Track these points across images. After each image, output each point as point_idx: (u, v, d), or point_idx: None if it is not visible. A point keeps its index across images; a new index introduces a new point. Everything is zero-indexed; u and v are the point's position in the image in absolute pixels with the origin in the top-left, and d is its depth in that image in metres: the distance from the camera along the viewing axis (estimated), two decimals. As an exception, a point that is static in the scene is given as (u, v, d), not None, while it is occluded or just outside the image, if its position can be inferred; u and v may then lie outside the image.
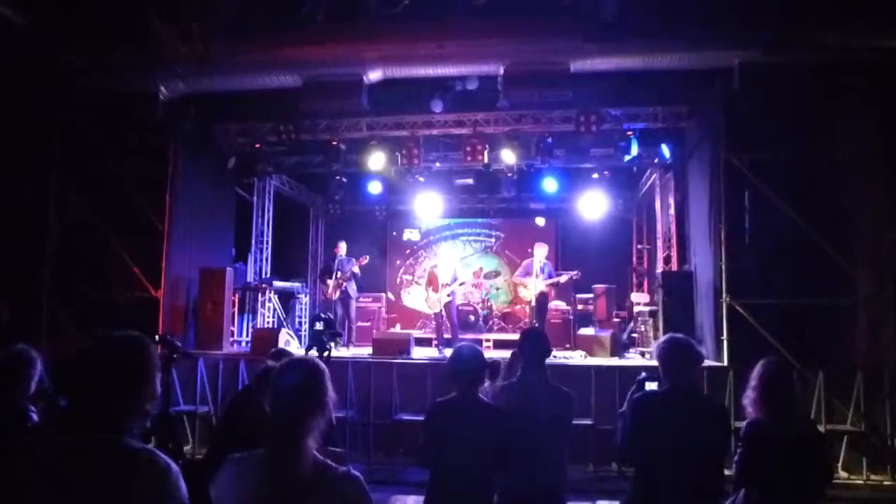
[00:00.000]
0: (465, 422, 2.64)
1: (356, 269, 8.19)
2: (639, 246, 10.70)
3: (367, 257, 8.37)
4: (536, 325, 7.51)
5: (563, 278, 7.79)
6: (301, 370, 1.78)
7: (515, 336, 8.67)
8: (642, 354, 7.38)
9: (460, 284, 8.22)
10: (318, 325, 7.00)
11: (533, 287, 7.77)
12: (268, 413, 1.71)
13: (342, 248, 8.48)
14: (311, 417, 1.69)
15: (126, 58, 6.45)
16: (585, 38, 6.09)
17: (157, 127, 7.02)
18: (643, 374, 3.10)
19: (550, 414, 2.93)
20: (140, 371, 1.60)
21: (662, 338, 2.89)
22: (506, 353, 4.09)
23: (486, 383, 2.89)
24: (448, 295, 7.91)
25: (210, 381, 6.63)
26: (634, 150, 7.67)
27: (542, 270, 7.82)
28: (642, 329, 8.08)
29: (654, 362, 2.88)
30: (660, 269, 8.66)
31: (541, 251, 7.92)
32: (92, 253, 6.90)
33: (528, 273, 7.93)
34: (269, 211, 9.92)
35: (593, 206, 9.98)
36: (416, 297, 11.59)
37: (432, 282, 8.10)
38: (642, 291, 10.07)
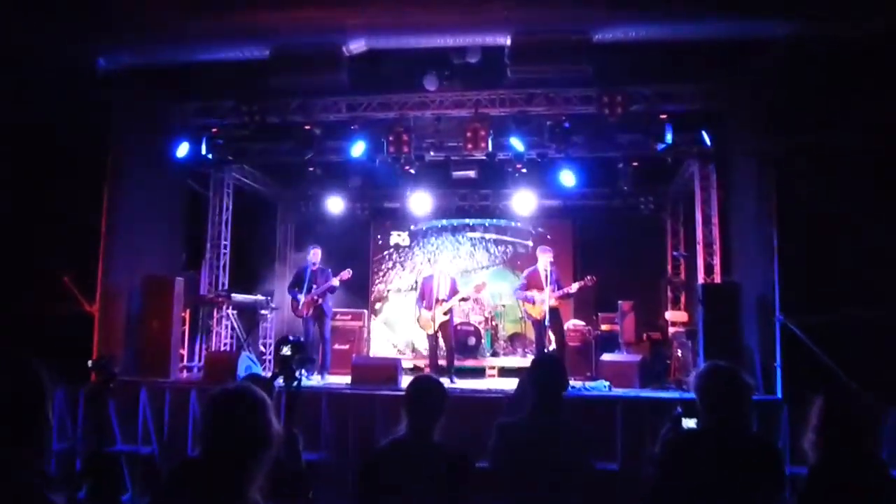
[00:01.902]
0: (416, 470, 2.59)
1: (336, 283, 8.16)
2: (675, 253, 10.70)
3: (350, 272, 8.30)
4: (554, 349, 7.47)
5: (575, 287, 7.76)
6: (235, 401, 1.76)
7: (525, 362, 8.69)
8: (679, 385, 7.36)
9: (462, 300, 8.19)
10: (286, 349, 6.93)
11: (543, 302, 7.70)
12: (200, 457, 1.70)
13: (317, 254, 8.44)
14: (253, 460, 1.66)
15: (57, 24, 6.43)
16: (610, 2, 6.10)
17: (95, 106, 6.99)
18: (679, 409, 3.08)
19: (567, 458, 2.91)
20: (20, 402, 1.60)
21: (703, 365, 2.90)
22: (514, 384, 4.07)
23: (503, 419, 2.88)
24: (445, 313, 7.86)
25: (154, 416, 6.58)
26: (669, 136, 7.67)
27: (550, 279, 7.76)
28: (679, 354, 8.06)
29: (693, 395, 2.86)
30: (700, 280, 8.66)
31: (545, 257, 7.88)
32: (13, 257, 6.85)
33: (530, 286, 7.87)
34: (228, 208, 9.90)
35: (619, 204, 9.96)
36: (386, 327, 11.57)
37: (425, 296, 8.05)
38: (679, 308, 10.07)
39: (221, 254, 9.80)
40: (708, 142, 8.04)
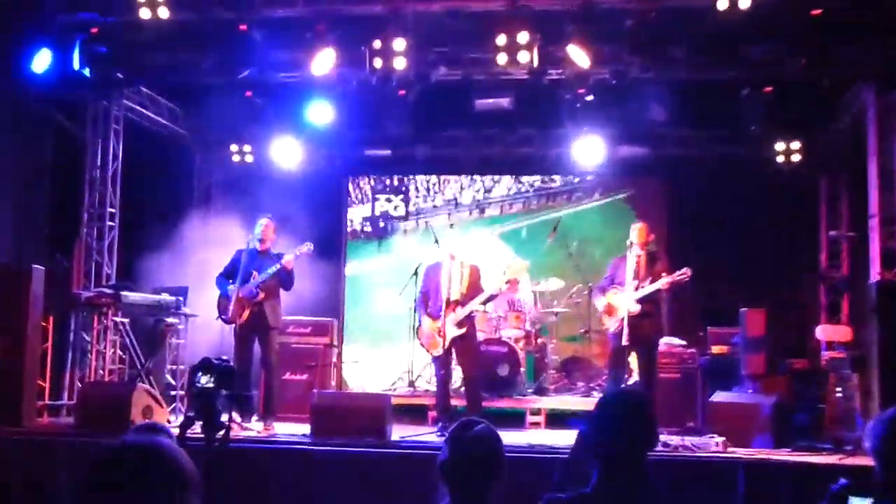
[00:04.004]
0: None
1: (289, 263, 8.11)
2: (833, 232, 10.59)
3: (311, 246, 8.28)
4: (636, 382, 7.45)
5: (664, 282, 7.66)
6: (132, 470, 1.73)
7: (588, 404, 8.58)
8: (838, 443, 7.28)
9: (486, 302, 8.17)
10: (207, 379, 6.94)
11: (622, 304, 7.60)
12: None
13: (268, 228, 8.41)
14: None
15: None
16: None
17: None
18: (843, 481, 3.03)
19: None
20: None
21: (881, 413, 2.86)
22: (569, 438, 4.04)
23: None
24: (461, 324, 7.85)
25: (-2, 485, 6.59)
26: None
27: (641, 270, 7.64)
28: (839, 393, 7.99)
29: (866, 460, 2.82)
30: (874, 276, 8.55)
31: (637, 232, 7.77)
32: None
33: (615, 280, 7.86)
34: (116, 157, 9.84)
35: (743, 154, 9.85)
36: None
37: (429, 296, 8.04)
38: (838, 321, 9.94)
39: (106, 229, 9.73)
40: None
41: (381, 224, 12.31)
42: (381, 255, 12.31)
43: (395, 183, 12.27)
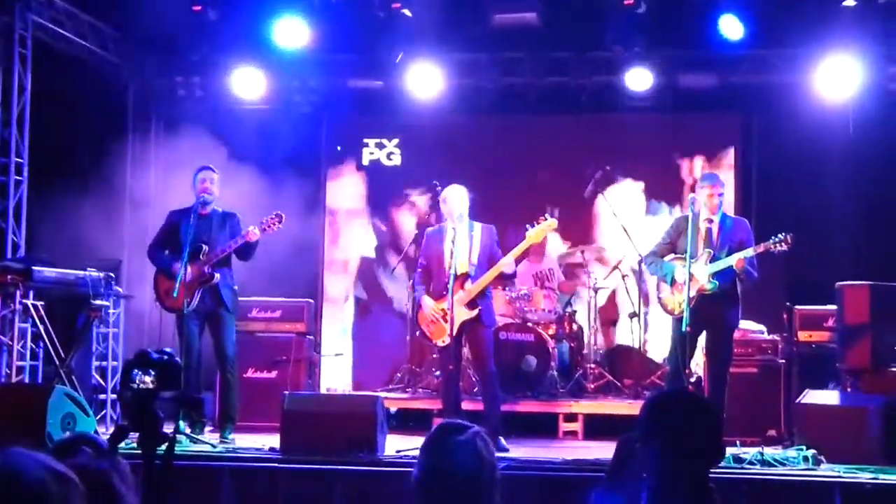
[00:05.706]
0: None
1: (254, 236, 8.10)
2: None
3: (282, 217, 8.23)
4: (698, 380, 7.42)
5: (751, 252, 7.63)
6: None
7: (635, 409, 8.61)
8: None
9: (507, 277, 8.19)
10: (145, 378, 6.95)
11: (690, 280, 7.53)
12: None
13: (210, 182, 8.44)
14: None
15: None
16: None
17: None
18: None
19: None
20: None
21: None
22: (610, 450, 4.03)
23: None
24: (470, 305, 7.85)
25: None
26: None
27: (714, 238, 7.68)
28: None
29: None
30: None
31: (710, 193, 7.78)
32: None
33: (676, 247, 7.83)
34: (24, 92, 9.79)
35: (840, 81, 9.84)
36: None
37: (432, 270, 8.07)
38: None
39: (12, 184, 9.69)
40: None
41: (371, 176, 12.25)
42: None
43: (386, 123, 12.17)
